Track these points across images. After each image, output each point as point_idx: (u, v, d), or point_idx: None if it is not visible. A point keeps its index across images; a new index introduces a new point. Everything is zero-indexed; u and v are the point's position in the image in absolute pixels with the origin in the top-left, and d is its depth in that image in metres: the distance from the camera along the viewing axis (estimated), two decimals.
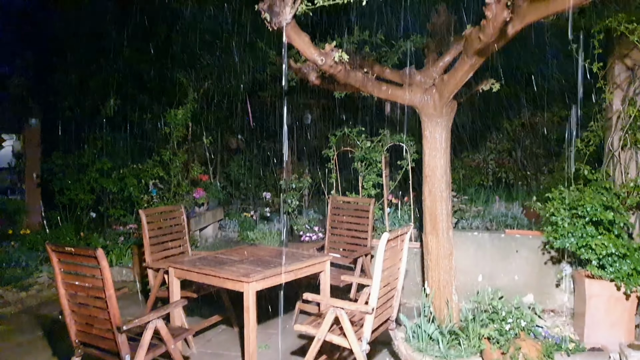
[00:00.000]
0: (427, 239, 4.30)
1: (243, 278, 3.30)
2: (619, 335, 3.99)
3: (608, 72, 4.95)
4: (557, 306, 4.95)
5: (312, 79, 3.98)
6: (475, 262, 5.10)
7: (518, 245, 5.01)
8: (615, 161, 4.88)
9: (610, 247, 3.96)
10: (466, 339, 3.85)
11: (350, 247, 5.09)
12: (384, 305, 3.35)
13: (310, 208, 7.66)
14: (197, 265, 3.67)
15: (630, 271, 3.89)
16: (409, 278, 5.26)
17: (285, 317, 4.88)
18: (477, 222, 5.66)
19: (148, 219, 4.52)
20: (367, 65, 4.30)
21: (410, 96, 4.10)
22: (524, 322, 3.69)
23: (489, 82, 4.18)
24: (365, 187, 5.71)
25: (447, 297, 4.21)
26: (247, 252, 4.21)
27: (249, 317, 3.31)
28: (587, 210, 4.17)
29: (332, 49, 3.32)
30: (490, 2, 2.82)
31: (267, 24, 3.04)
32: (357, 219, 5.14)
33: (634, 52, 4.72)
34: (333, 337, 3.23)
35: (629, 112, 4.72)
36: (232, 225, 7.86)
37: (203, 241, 7.29)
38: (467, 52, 3.47)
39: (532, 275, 4.97)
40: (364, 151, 5.73)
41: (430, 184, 4.22)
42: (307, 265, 3.79)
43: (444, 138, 4.16)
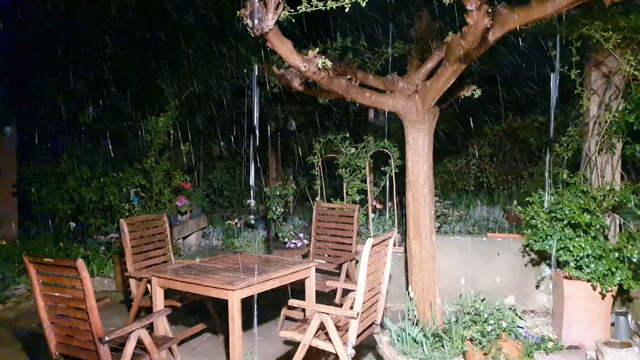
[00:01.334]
0: (410, 244, 4.34)
1: (228, 286, 3.28)
2: (595, 334, 4.08)
3: (585, 79, 5.07)
4: (537, 307, 5.04)
5: (296, 85, 4.00)
6: (458, 266, 5.15)
7: (499, 249, 5.08)
8: (592, 165, 5.00)
9: (587, 249, 4.05)
10: (449, 341, 3.89)
11: (335, 253, 5.10)
12: (368, 309, 3.37)
13: (295, 215, 7.67)
14: (181, 274, 3.64)
15: (605, 271, 3.99)
16: (393, 282, 5.29)
17: (270, 323, 4.87)
18: (460, 226, 5.73)
19: (130, 228, 4.47)
20: (351, 71, 4.34)
21: (394, 103, 4.15)
22: (505, 323, 3.75)
23: (470, 88, 4.26)
24: (350, 193, 5.74)
25: (431, 301, 4.25)
26: (231, 260, 4.19)
27: (233, 325, 3.29)
28: (566, 213, 4.26)
29: (315, 56, 3.35)
30: (471, 9, 2.88)
31: (249, 30, 3.05)
32: (341, 225, 5.16)
33: (609, 59, 4.86)
34: (319, 343, 3.23)
35: (605, 118, 4.84)
36: (216, 233, 7.81)
37: (186, 249, 7.22)
38: (449, 58, 3.53)
39: (513, 277, 5.05)
40: (348, 157, 5.76)
41: (414, 189, 4.27)
42: (292, 272, 3.79)
43: (427, 144, 4.22)
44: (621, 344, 3.82)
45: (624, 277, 3.93)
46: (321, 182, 5.98)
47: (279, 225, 6.23)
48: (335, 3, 3.12)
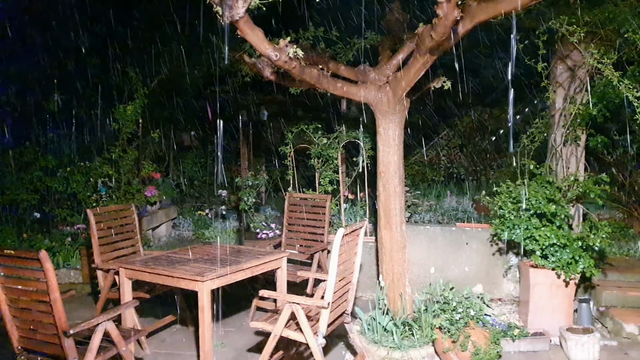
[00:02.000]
0: (381, 233, 4.38)
1: (197, 277, 3.25)
2: (559, 320, 4.21)
3: (551, 72, 5.18)
4: (504, 295, 5.17)
5: (267, 74, 3.95)
6: (428, 255, 5.23)
7: (468, 238, 5.18)
8: (558, 156, 5.13)
9: (552, 238, 4.17)
10: (419, 330, 3.96)
11: (307, 243, 5.11)
12: (339, 299, 3.39)
13: (268, 205, 7.63)
14: (150, 265, 3.58)
15: (569, 260, 4.12)
16: (364, 272, 5.34)
17: (241, 314, 4.85)
18: (430, 216, 5.82)
19: (97, 219, 4.37)
20: (323, 61, 4.31)
21: (365, 93, 4.15)
22: (473, 312, 3.83)
23: (441, 80, 4.29)
24: (322, 183, 5.74)
25: (401, 290, 4.30)
26: (201, 250, 4.14)
27: (203, 316, 3.26)
28: (532, 204, 4.36)
29: (286, 45, 3.31)
30: (441, 1, 2.90)
31: (219, 17, 2.99)
32: (314, 215, 5.16)
33: (574, 53, 4.97)
34: (289, 333, 3.24)
35: (570, 110, 4.97)
36: (186, 223, 7.71)
37: (156, 240, 7.11)
38: (420, 50, 3.55)
39: (481, 266, 5.16)
40: (320, 148, 5.75)
41: (384, 179, 4.29)
42: (264, 263, 3.77)
43: (397, 135, 4.24)
44: (583, 329, 3.96)
45: (586, 265, 4.07)
46: (293, 172, 5.96)
47: (250, 215, 6.19)
48: None
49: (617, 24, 4.47)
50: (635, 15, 4.49)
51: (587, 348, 3.77)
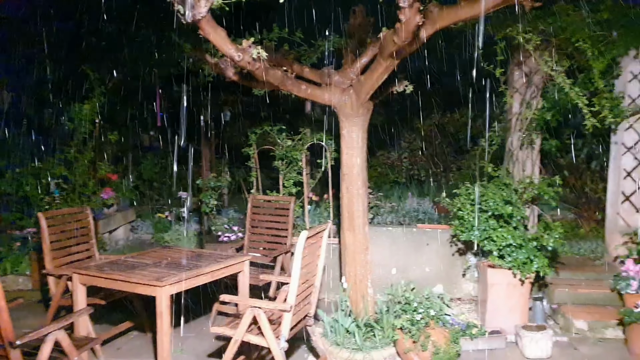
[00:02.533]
0: (344, 235, 4.39)
1: (156, 282, 3.16)
2: (515, 318, 4.34)
3: (509, 77, 5.36)
4: (463, 295, 5.29)
5: (230, 74, 3.90)
6: (390, 256, 5.29)
7: (429, 239, 5.27)
8: (514, 159, 5.30)
9: (509, 239, 4.30)
10: (381, 331, 3.99)
11: (271, 246, 5.07)
12: (302, 302, 3.38)
13: (230, 207, 7.53)
14: (105, 270, 3.46)
15: (525, 260, 4.25)
16: (328, 273, 5.34)
17: (202, 319, 4.76)
18: (392, 217, 5.88)
19: (49, 222, 4.18)
20: (287, 63, 4.29)
21: (329, 96, 4.16)
22: (434, 312, 3.89)
23: (403, 84, 4.35)
24: (286, 185, 5.71)
25: (363, 291, 4.33)
26: (160, 254, 4.03)
27: (162, 322, 3.18)
28: (490, 205, 4.48)
29: (250, 46, 3.27)
30: (404, 7, 2.93)
31: (180, 16, 2.92)
32: (277, 218, 5.12)
33: (530, 60, 5.15)
34: (251, 337, 3.20)
35: (526, 115, 5.15)
36: (145, 226, 7.51)
37: (113, 244, 6.89)
38: (383, 54, 3.58)
39: (441, 266, 5.26)
40: (284, 149, 5.72)
41: (348, 181, 4.31)
42: (225, 267, 3.71)
43: (361, 137, 4.27)
44: (537, 327, 4.09)
45: (540, 264, 4.21)
46: (257, 173, 5.90)
47: (212, 218, 6.08)
48: None
49: (569, 33, 4.66)
50: (586, 26, 4.70)
51: (540, 345, 3.90)
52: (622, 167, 5.14)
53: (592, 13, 4.78)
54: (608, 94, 4.76)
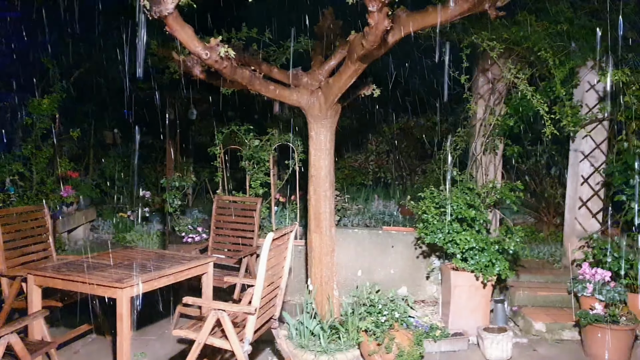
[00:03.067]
0: (311, 237, 4.39)
1: (116, 284, 3.06)
2: (477, 320, 4.44)
3: (473, 84, 5.48)
4: (427, 297, 5.36)
5: (197, 72, 3.83)
6: (356, 258, 5.32)
7: (394, 241, 5.32)
8: (478, 164, 5.42)
9: (472, 242, 4.39)
10: (345, 333, 4.00)
11: (236, 247, 5.00)
12: (267, 304, 3.35)
13: (195, 207, 7.40)
14: (63, 271, 3.33)
15: (487, 263, 4.35)
16: (294, 275, 5.32)
17: (164, 321, 4.66)
18: (358, 219, 5.92)
19: (2, 221, 4.00)
20: (255, 63, 4.26)
21: (298, 97, 4.15)
22: (398, 314, 3.93)
23: (370, 87, 4.39)
24: (253, 186, 5.66)
25: (329, 293, 4.33)
26: (122, 255, 3.92)
27: (122, 324, 3.09)
28: (454, 209, 4.57)
29: (217, 44, 3.23)
30: (372, 10, 2.95)
31: (146, 12, 2.85)
32: (243, 219, 5.07)
33: (494, 67, 5.28)
34: (214, 340, 3.15)
35: (490, 121, 5.27)
36: (106, 226, 7.30)
37: (72, 244, 6.67)
38: (351, 57, 3.60)
39: (406, 268, 5.32)
40: (252, 150, 5.66)
41: (315, 183, 4.31)
42: (188, 268, 3.64)
43: (329, 139, 4.28)
44: (498, 329, 4.19)
45: (502, 267, 4.32)
46: (223, 174, 5.82)
47: (176, 218, 5.96)
48: None
49: (531, 42, 4.81)
50: (547, 36, 4.85)
51: (501, 346, 4.00)
52: (580, 173, 5.32)
53: (553, 24, 4.94)
54: (568, 102, 4.93)
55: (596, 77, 5.12)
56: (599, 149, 5.27)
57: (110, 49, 7.22)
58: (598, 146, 5.27)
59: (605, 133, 5.26)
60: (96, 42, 7.32)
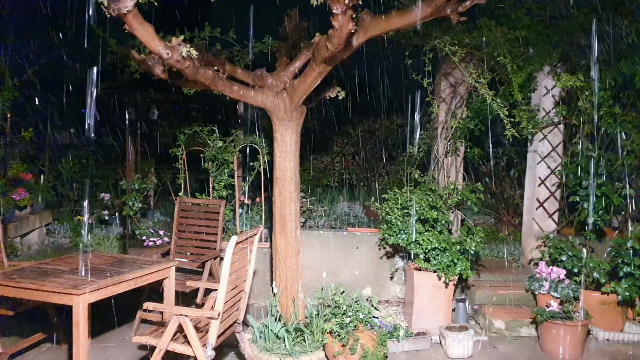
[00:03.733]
0: (276, 239, 4.35)
1: (72, 290, 2.95)
2: (439, 320, 4.52)
3: (436, 87, 5.58)
4: (391, 297, 5.42)
5: (158, 72, 3.74)
6: (321, 259, 5.32)
7: (358, 242, 5.36)
8: (440, 166, 5.52)
9: (434, 242, 4.46)
10: (310, 335, 3.99)
11: (199, 251, 4.92)
12: (231, 308, 3.30)
13: (156, 210, 7.23)
14: (14, 278, 3.19)
15: (449, 263, 4.44)
16: (258, 278, 5.28)
17: (124, 327, 4.52)
18: (323, 221, 5.92)
19: None
20: (218, 63, 4.19)
21: (262, 98, 4.11)
22: (362, 315, 3.95)
23: (335, 89, 4.40)
24: (217, 188, 5.58)
25: (294, 295, 4.32)
26: (79, 260, 3.78)
27: (78, 332, 2.98)
28: (416, 210, 4.64)
29: (179, 43, 3.15)
30: (337, 13, 2.95)
31: (104, 9, 2.76)
32: (206, 222, 4.98)
33: (455, 71, 5.40)
34: (176, 347, 3.08)
35: (452, 124, 5.38)
36: (63, 229, 7.03)
37: (25, 249, 6.39)
38: (316, 59, 3.59)
39: (370, 269, 5.36)
40: (215, 151, 5.58)
41: (281, 185, 4.28)
42: (150, 273, 3.54)
43: (294, 141, 4.26)
44: (460, 327, 4.28)
45: (463, 267, 4.41)
46: (185, 175, 5.71)
47: (136, 221, 5.81)
48: None
49: (491, 47, 4.94)
50: (507, 41, 5.00)
51: (462, 344, 4.08)
52: (537, 175, 5.50)
53: (512, 30, 5.09)
54: (526, 106, 5.09)
55: (552, 82, 5.31)
56: (555, 151, 5.46)
57: (67, 46, 6.97)
58: (554, 149, 5.46)
59: (561, 136, 5.46)
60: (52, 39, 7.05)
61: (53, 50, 7.11)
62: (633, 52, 5.04)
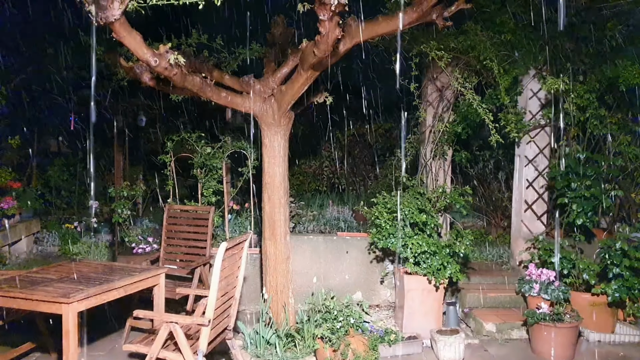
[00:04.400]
0: (266, 245, 4.35)
1: (62, 299, 2.93)
2: (430, 323, 4.54)
3: (423, 92, 5.62)
4: (381, 301, 5.43)
5: (146, 79, 3.74)
6: (311, 264, 5.32)
7: (348, 247, 5.37)
8: (428, 170, 5.57)
9: (424, 246, 4.48)
10: (302, 340, 3.99)
11: (188, 258, 4.90)
12: (221, 315, 3.30)
13: (145, 217, 7.19)
14: (3, 288, 3.16)
15: (438, 266, 4.46)
16: (248, 284, 5.26)
17: (114, 335, 4.49)
18: (313, 225, 5.93)
19: None
20: (206, 69, 4.20)
21: (250, 105, 4.12)
22: (353, 319, 3.96)
23: (323, 95, 4.43)
24: (205, 194, 5.56)
25: (285, 301, 4.31)
26: (67, 269, 3.75)
27: (68, 341, 2.96)
28: (405, 214, 4.66)
29: (166, 51, 3.16)
30: (324, 20, 2.98)
31: (92, 18, 2.76)
32: (195, 228, 4.97)
33: (442, 75, 5.45)
34: (167, 354, 3.07)
35: (439, 128, 5.42)
36: (51, 238, 6.97)
37: (14, 258, 6.32)
38: (303, 65, 3.62)
39: (360, 274, 5.37)
40: (203, 157, 5.57)
41: (270, 190, 4.29)
42: (139, 280, 3.53)
43: (283, 146, 4.27)
44: (451, 331, 4.30)
45: (453, 270, 4.43)
46: (174, 182, 5.69)
47: (125, 229, 5.77)
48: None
49: (477, 52, 5.00)
50: (492, 45, 5.06)
51: (454, 348, 4.10)
52: (525, 177, 5.56)
53: (497, 34, 5.16)
54: (512, 110, 5.15)
55: (538, 85, 5.38)
56: (542, 154, 5.53)
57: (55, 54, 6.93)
58: (541, 151, 5.53)
59: (547, 139, 5.53)
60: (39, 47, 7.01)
61: (40, 58, 7.07)
62: (617, 54, 5.13)
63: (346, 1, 2.80)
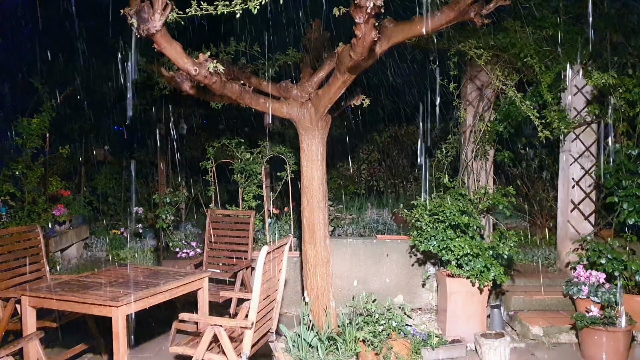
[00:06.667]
0: (305, 248, 4.38)
1: (111, 302, 3.04)
2: (474, 326, 4.44)
3: (462, 91, 5.53)
4: (423, 304, 5.36)
5: (186, 88, 3.84)
6: (351, 268, 5.31)
7: (388, 250, 5.32)
8: (469, 170, 5.46)
9: (466, 248, 4.39)
10: (343, 344, 3.99)
11: (231, 261, 4.99)
12: (264, 318, 3.34)
13: (188, 222, 7.37)
14: (57, 291, 3.30)
15: (482, 268, 4.36)
16: (289, 287, 5.31)
17: (160, 338, 4.61)
18: (352, 229, 5.91)
19: None
20: (244, 76, 4.28)
21: (288, 109, 4.17)
22: (395, 323, 3.93)
23: (360, 98, 4.42)
24: (246, 199, 5.65)
25: (325, 304, 4.32)
26: (116, 273, 3.90)
27: (118, 343, 3.06)
28: (447, 215, 4.58)
29: (206, 59, 3.24)
30: (360, 22, 2.98)
31: (134, 30, 2.87)
32: (237, 232, 5.06)
33: (482, 74, 5.34)
34: (212, 356, 3.13)
35: (479, 127, 5.31)
36: (99, 243, 7.25)
37: (65, 263, 6.61)
38: (340, 68, 3.63)
39: (401, 277, 5.32)
40: (243, 163, 5.67)
41: (308, 194, 4.32)
42: (184, 284, 3.62)
43: (320, 151, 4.30)
44: (495, 334, 4.19)
45: (497, 272, 4.33)
46: (215, 187, 5.81)
47: (169, 234, 5.93)
48: (227, 8, 3.05)
49: (517, 48, 4.87)
50: (533, 41, 4.92)
51: (499, 352, 3.99)
52: (571, 176, 5.37)
53: (538, 30, 5.01)
54: (556, 107, 4.98)
55: (583, 80, 5.19)
56: (588, 151, 5.33)
57: (100, 67, 7.23)
58: (588, 149, 5.32)
59: (594, 135, 5.32)
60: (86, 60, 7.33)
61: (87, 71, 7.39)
62: None
63: (382, 3, 2.79)
